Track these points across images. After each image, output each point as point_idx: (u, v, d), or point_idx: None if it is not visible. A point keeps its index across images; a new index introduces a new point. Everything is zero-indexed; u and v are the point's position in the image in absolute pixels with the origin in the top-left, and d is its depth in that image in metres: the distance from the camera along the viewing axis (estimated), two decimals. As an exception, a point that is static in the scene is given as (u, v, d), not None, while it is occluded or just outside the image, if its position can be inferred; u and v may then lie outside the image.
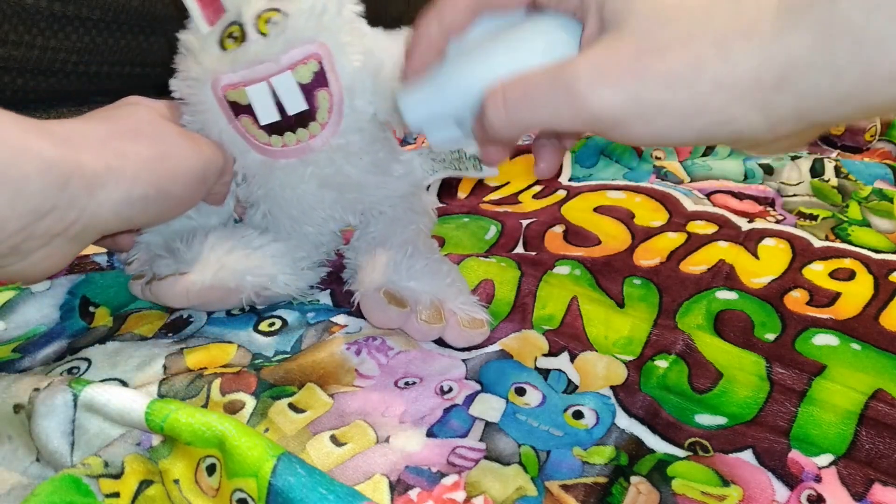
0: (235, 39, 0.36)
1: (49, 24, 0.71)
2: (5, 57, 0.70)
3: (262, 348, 0.39)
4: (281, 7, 0.36)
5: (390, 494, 0.30)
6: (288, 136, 0.37)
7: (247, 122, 0.37)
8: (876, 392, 0.35)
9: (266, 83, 0.36)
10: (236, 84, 0.36)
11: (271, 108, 0.36)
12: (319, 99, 0.37)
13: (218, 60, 0.36)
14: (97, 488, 0.27)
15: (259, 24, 0.36)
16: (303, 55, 0.36)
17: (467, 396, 0.35)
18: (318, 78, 0.37)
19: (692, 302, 0.42)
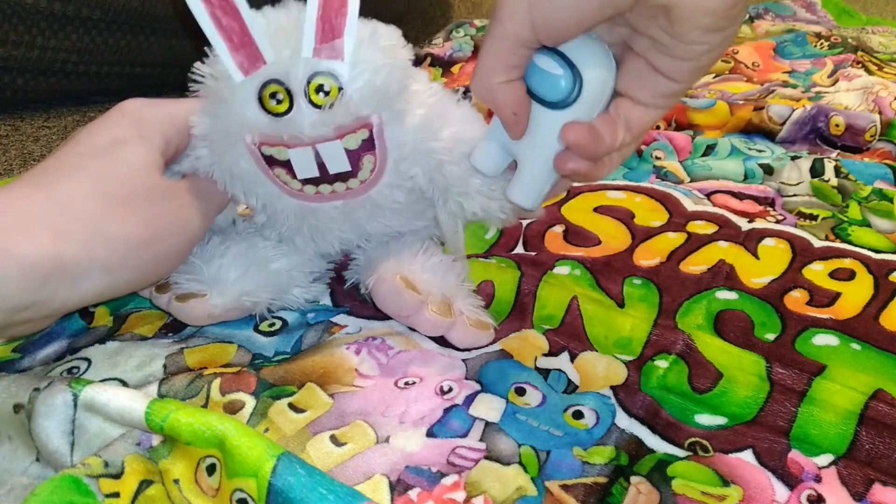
0: (280, 103, 0.32)
1: (49, 24, 0.71)
2: (5, 57, 0.70)
3: (262, 348, 0.39)
4: (336, 73, 0.32)
5: (390, 494, 0.30)
6: (324, 188, 0.36)
7: (280, 173, 0.35)
8: (876, 392, 0.35)
9: (311, 148, 0.34)
10: (276, 143, 0.34)
11: (312, 167, 0.34)
12: (364, 161, 0.35)
13: (259, 121, 0.33)
14: (97, 488, 0.27)
15: (310, 92, 0.32)
16: (356, 124, 0.34)
17: (467, 396, 0.35)
18: (365, 145, 0.34)
19: (692, 302, 0.42)
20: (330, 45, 0.32)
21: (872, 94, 0.75)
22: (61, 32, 0.73)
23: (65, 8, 0.72)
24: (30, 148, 0.72)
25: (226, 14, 0.31)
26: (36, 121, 0.77)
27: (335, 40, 0.32)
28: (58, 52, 0.74)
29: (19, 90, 0.76)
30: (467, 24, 1.00)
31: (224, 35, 0.31)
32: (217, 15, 0.31)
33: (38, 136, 0.74)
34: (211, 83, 0.34)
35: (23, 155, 0.70)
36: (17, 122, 0.77)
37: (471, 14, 1.23)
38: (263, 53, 0.32)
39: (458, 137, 0.36)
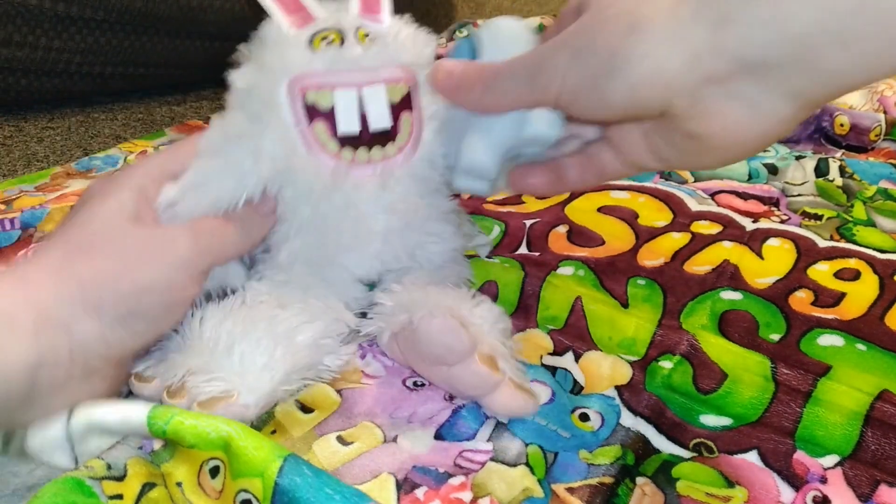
0: (331, 42, 0.33)
1: (53, 24, 0.71)
2: (9, 58, 0.70)
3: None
4: (377, 29, 0.35)
5: (397, 493, 0.30)
6: (360, 153, 0.34)
7: (320, 129, 0.33)
8: (882, 393, 0.35)
9: (357, 90, 0.33)
10: (322, 85, 0.33)
11: (355, 118, 0.34)
12: (403, 121, 0.35)
13: (307, 57, 0.33)
14: (100, 490, 0.27)
15: (359, 35, 0.34)
16: (397, 75, 0.34)
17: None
18: (405, 101, 0.35)
19: (696, 302, 0.42)
20: (371, 15, 0.36)
21: (877, 93, 0.74)
22: (65, 33, 0.73)
23: (68, 9, 0.72)
24: (33, 149, 0.72)
25: None
26: (40, 122, 0.77)
27: (376, 13, 0.36)
28: (61, 53, 0.74)
29: (23, 91, 0.76)
30: (470, 24, 1.00)
31: (279, 3, 0.34)
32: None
33: (42, 137, 0.74)
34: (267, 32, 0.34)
35: (26, 156, 0.70)
36: (20, 123, 0.77)
37: (474, 14, 1.23)
38: (313, 12, 0.35)
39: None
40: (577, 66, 0.28)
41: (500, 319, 0.37)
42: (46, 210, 0.51)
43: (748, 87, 0.26)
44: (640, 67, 0.26)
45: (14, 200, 0.55)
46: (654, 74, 0.26)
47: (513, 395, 0.33)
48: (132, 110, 0.81)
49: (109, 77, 0.79)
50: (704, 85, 0.26)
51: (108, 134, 0.75)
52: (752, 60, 0.25)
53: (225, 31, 0.82)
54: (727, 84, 0.26)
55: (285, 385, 0.33)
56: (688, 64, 0.26)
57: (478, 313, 0.36)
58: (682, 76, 0.26)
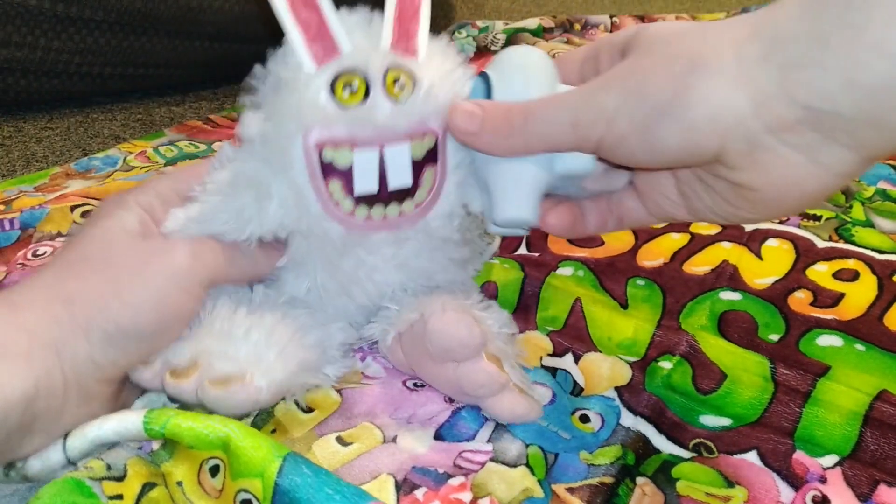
0: (355, 93, 0.30)
1: (52, 25, 0.71)
2: (9, 58, 0.70)
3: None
4: (412, 69, 0.31)
5: (396, 494, 0.30)
6: (376, 210, 0.32)
7: (335, 187, 0.31)
8: (880, 393, 0.35)
9: (378, 150, 0.31)
10: (340, 142, 0.31)
11: (373, 178, 0.31)
12: (425, 177, 0.32)
13: (328, 113, 0.30)
14: (100, 490, 0.27)
15: (388, 82, 0.30)
16: (424, 129, 0.31)
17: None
18: (429, 155, 0.32)
19: (696, 303, 0.42)
20: (405, 43, 0.32)
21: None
22: (64, 34, 0.73)
23: (67, 9, 0.72)
24: (32, 149, 0.72)
25: (305, 6, 0.30)
26: (39, 122, 0.77)
27: (409, 40, 0.32)
28: (60, 54, 0.74)
29: (22, 91, 0.76)
30: (469, 25, 1.00)
31: (301, 26, 0.30)
32: (297, 7, 0.30)
33: (41, 138, 0.74)
34: (275, 78, 0.32)
35: (25, 156, 0.70)
36: (19, 124, 0.77)
37: (473, 15, 1.23)
38: (340, 44, 0.31)
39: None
40: (627, 108, 0.26)
41: (507, 325, 0.36)
42: (46, 210, 0.51)
43: (812, 138, 0.24)
44: (698, 110, 0.25)
45: (13, 201, 0.55)
46: (714, 118, 0.25)
47: (517, 400, 0.33)
48: (131, 111, 0.81)
49: (108, 77, 0.79)
50: (766, 133, 0.25)
51: (107, 134, 0.75)
52: (821, 110, 0.23)
53: (224, 32, 0.82)
54: (790, 133, 0.24)
55: (296, 379, 0.32)
56: (752, 109, 0.24)
57: (486, 315, 0.35)
58: (745, 122, 0.25)
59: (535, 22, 0.99)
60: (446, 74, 0.32)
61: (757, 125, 0.24)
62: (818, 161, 0.25)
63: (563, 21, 1.01)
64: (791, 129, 0.24)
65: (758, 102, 0.24)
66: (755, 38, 0.25)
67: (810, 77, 0.23)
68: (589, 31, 1.01)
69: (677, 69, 0.25)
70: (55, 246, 0.48)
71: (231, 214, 0.32)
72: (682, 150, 0.26)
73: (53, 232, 0.49)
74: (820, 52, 0.23)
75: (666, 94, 0.25)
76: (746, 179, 0.26)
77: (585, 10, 1.31)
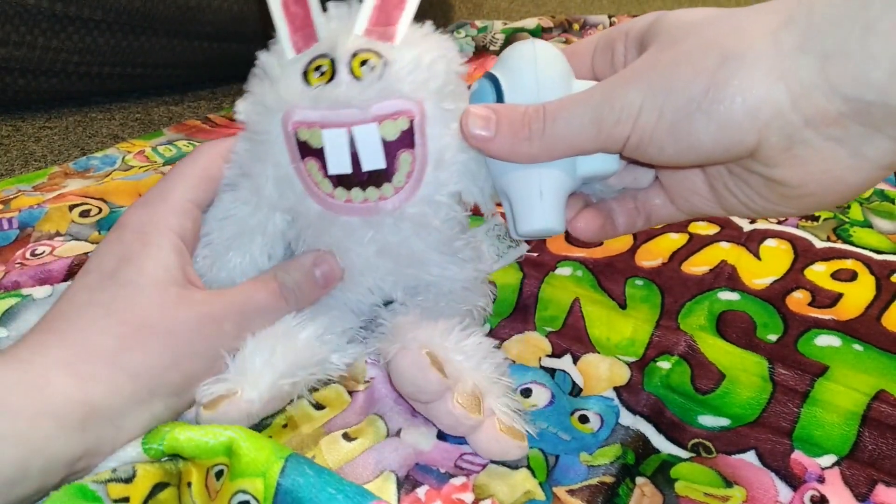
0: (323, 74, 0.31)
1: (50, 24, 0.71)
2: (7, 57, 0.70)
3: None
4: (381, 51, 0.32)
5: (398, 492, 0.30)
6: (355, 193, 0.32)
7: (312, 167, 0.32)
8: (878, 393, 0.35)
9: (346, 130, 0.31)
10: (312, 123, 0.31)
11: (345, 158, 0.32)
12: (401, 160, 0.32)
13: (297, 93, 0.31)
14: (105, 493, 0.27)
15: (353, 64, 0.31)
16: (394, 109, 0.31)
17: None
18: (404, 137, 0.32)
19: (694, 303, 0.42)
20: (382, 28, 0.32)
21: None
22: (63, 33, 0.73)
23: (66, 9, 0.72)
24: (31, 148, 0.72)
25: (295, 3, 0.32)
26: (37, 121, 0.77)
27: (389, 26, 0.32)
28: (59, 53, 0.74)
29: (20, 91, 0.76)
30: (468, 24, 1.00)
31: (288, 18, 0.32)
32: (287, 3, 0.32)
33: (40, 137, 0.74)
34: (265, 62, 0.33)
35: (24, 155, 0.70)
36: (18, 123, 0.77)
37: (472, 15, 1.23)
38: (318, 32, 0.32)
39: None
40: (654, 104, 0.25)
41: (492, 354, 0.35)
42: (44, 210, 0.51)
43: (856, 131, 0.23)
44: (734, 105, 0.23)
45: (12, 200, 0.55)
46: (751, 113, 0.23)
47: (495, 438, 0.32)
48: (130, 110, 0.81)
49: (107, 77, 0.79)
50: (805, 126, 0.23)
51: (105, 134, 0.75)
52: (867, 101, 0.22)
53: (222, 32, 0.82)
54: (832, 127, 0.23)
55: (288, 378, 0.32)
56: (792, 102, 0.23)
57: (466, 347, 0.34)
58: (783, 116, 0.23)
59: (533, 22, 0.99)
60: (418, 56, 0.32)
61: (796, 119, 0.23)
62: (861, 154, 0.23)
63: (561, 21, 1.01)
64: (833, 122, 0.23)
65: (796, 95, 0.23)
66: (791, 25, 0.23)
67: (855, 66, 0.22)
68: (587, 31, 1.01)
69: (708, 62, 0.24)
70: (54, 245, 0.48)
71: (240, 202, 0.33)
72: (717, 146, 0.25)
73: (52, 231, 0.49)
74: (865, 39, 0.21)
75: (697, 88, 0.24)
76: (784, 175, 0.25)
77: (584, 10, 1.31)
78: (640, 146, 0.26)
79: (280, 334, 0.33)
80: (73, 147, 0.72)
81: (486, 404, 0.32)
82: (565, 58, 0.31)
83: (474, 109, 0.30)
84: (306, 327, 0.34)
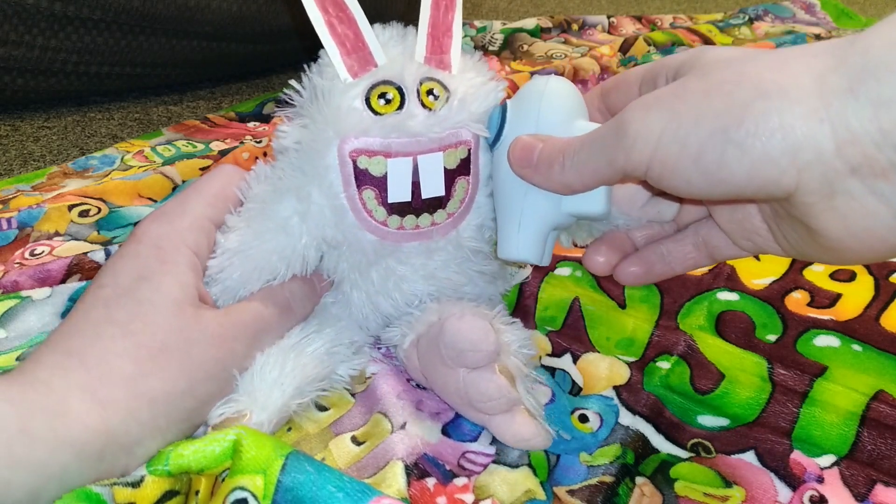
0: (389, 103, 0.31)
1: (49, 24, 0.71)
2: (5, 57, 0.70)
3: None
4: (444, 81, 0.32)
5: (406, 478, 0.30)
6: (408, 220, 0.33)
7: (369, 196, 0.32)
8: (877, 393, 0.36)
9: (412, 159, 0.32)
10: (374, 151, 0.31)
11: (407, 186, 0.32)
12: (457, 187, 0.33)
13: (364, 121, 0.31)
14: (110, 496, 0.26)
15: (422, 93, 0.32)
16: (457, 139, 0.32)
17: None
18: (462, 165, 0.33)
19: (693, 303, 0.42)
20: (439, 57, 0.33)
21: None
22: (61, 32, 0.73)
23: (65, 8, 0.71)
24: (30, 148, 0.71)
25: (341, 22, 0.32)
26: (36, 121, 0.77)
27: (443, 54, 0.33)
28: (58, 53, 0.74)
29: (19, 90, 0.76)
30: (467, 24, 1.00)
31: (337, 40, 0.32)
32: (333, 23, 0.32)
33: (38, 137, 0.74)
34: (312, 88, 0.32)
35: (23, 155, 0.70)
36: (16, 122, 0.77)
37: (470, 15, 1.23)
38: (375, 57, 0.32)
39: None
40: (676, 131, 0.24)
41: (528, 345, 0.35)
42: (43, 209, 0.51)
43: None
44: (772, 140, 0.22)
45: (11, 200, 0.55)
46: (790, 152, 0.22)
47: (525, 422, 0.32)
48: (129, 110, 0.81)
49: (106, 76, 0.79)
50: (852, 175, 0.22)
51: (104, 133, 0.75)
52: None
53: (222, 31, 0.82)
54: (881, 180, 0.21)
55: (297, 398, 0.32)
56: (836, 147, 0.21)
57: (507, 330, 0.34)
58: (826, 161, 0.22)
59: (532, 22, 0.99)
60: (479, 87, 0.33)
61: (840, 166, 0.22)
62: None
63: (560, 21, 1.01)
64: (882, 173, 0.21)
65: (843, 140, 0.21)
66: (841, 67, 0.22)
67: None
68: (586, 31, 1.01)
69: (743, 94, 0.23)
70: (53, 245, 0.47)
71: (274, 229, 0.32)
72: (751, 183, 0.23)
73: (51, 231, 0.49)
74: None
75: (729, 119, 0.23)
76: (822, 227, 0.23)
77: (583, 10, 1.31)
78: (664, 176, 0.25)
79: (288, 348, 0.33)
80: (71, 147, 0.72)
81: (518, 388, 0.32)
82: (579, 98, 0.31)
83: (523, 138, 0.30)
84: (314, 341, 0.34)
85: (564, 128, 0.30)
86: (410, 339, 0.35)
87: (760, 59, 0.24)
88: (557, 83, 0.31)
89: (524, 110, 0.31)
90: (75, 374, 0.28)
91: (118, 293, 0.30)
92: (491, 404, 0.32)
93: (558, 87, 0.31)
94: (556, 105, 0.31)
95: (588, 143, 0.28)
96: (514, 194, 0.31)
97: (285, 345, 0.33)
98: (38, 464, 0.25)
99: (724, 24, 1.02)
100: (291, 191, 0.32)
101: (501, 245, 0.32)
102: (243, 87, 0.89)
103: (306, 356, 0.33)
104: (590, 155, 0.27)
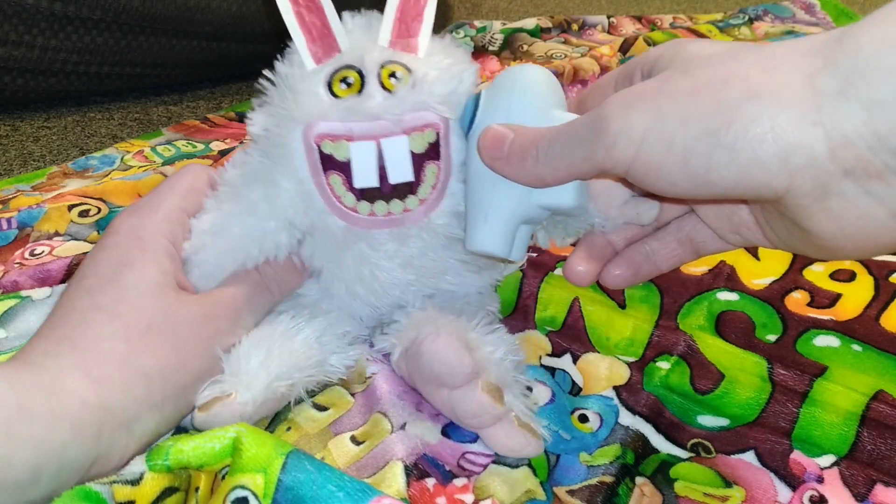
0: (350, 86, 0.31)
1: (49, 24, 0.71)
2: (5, 57, 0.70)
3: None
4: (409, 64, 0.32)
5: (406, 478, 0.30)
6: (378, 206, 0.32)
7: (336, 181, 0.32)
8: (877, 393, 0.36)
9: (375, 143, 0.31)
10: (338, 136, 0.31)
11: (372, 171, 0.31)
12: (427, 172, 0.32)
13: (324, 105, 0.31)
14: (109, 494, 0.26)
15: (383, 76, 0.31)
16: (423, 122, 0.31)
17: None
18: (431, 149, 0.32)
19: (693, 303, 0.42)
20: (405, 40, 0.32)
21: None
22: (61, 33, 0.73)
23: (65, 8, 0.72)
24: (30, 148, 0.72)
25: (310, 12, 0.32)
26: (36, 121, 0.77)
27: (410, 38, 0.32)
28: (58, 53, 0.74)
29: (19, 90, 0.76)
30: (466, 24, 1.00)
31: (304, 28, 0.32)
32: (301, 12, 0.32)
33: (38, 137, 0.74)
34: (278, 77, 0.32)
35: (22, 155, 0.70)
36: (16, 123, 0.77)
37: (470, 15, 1.23)
38: (339, 42, 0.32)
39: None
40: (661, 132, 0.23)
41: (515, 350, 0.35)
42: (43, 209, 0.51)
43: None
44: (763, 144, 0.21)
45: (11, 200, 0.55)
46: (781, 156, 0.21)
47: (512, 433, 0.32)
48: (129, 110, 0.81)
49: (106, 76, 0.79)
50: (845, 177, 0.21)
51: (104, 133, 0.75)
52: None
53: (221, 31, 0.82)
54: (876, 182, 0.21)
55: (284, 380, 0.32)
56: (830, 151, 0.21)
57: (489, 340, 0.34)
58: (819, 164, 0.21)
59: (532, 22, 0.99)
60: (445, 69, 0.32)
61: (833, 169, 0.21)
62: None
63: (560, 21, 1.01)
64: (877, 175, 0.21)
65: (836, 144, 0.21)
66: (832, 68, 0.21)
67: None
68: (586, 31, 1.01)
69: (731, 94, 0.22)
70: (53, 245, 0.48)
71: (245, 213, 0.32)
72: (739, 185, 0.23)
73: (51, 231, 0.49)
74: None
75: (717, 121, 0.22)
76: (815, 227, 0.23)
77: (583, 10, 1.31)
78: (648, 177, 0.24)
79: (276, 336, 0.33)
80: (71, 147, 0.72)
81: (506, 399, 0.32)
82: (556, 87, 0.31)
83: (494, 128, 0.29)
84: (303, 329, 0.34)
85: (538, 117, 0.29)
86: (399, 352, 0.35)
87: (747, 57, 0.23)
88: (532, 70, 0.31)
89: (496, 98, 0.31)
90: (68, 357, 0.28)
91: (101, 281, 0.30)
92: (476, 421, 0.32)
93: (533, 75, 0.30)
94: (530, 93, 0.30)
95: (563, 136, 0.27)
96: (482, 184, 0.31)
97: (274, 332, 0.33)
98: (37, 441, 0.25)
99: (724, 24, 1.02)
100: (259, 176, 0.33)
101: (468, 236, 0.32)
102: (243, 87, 0.89)
103: (295, 343, 0.33)
104: (565, 148, 0.26)
